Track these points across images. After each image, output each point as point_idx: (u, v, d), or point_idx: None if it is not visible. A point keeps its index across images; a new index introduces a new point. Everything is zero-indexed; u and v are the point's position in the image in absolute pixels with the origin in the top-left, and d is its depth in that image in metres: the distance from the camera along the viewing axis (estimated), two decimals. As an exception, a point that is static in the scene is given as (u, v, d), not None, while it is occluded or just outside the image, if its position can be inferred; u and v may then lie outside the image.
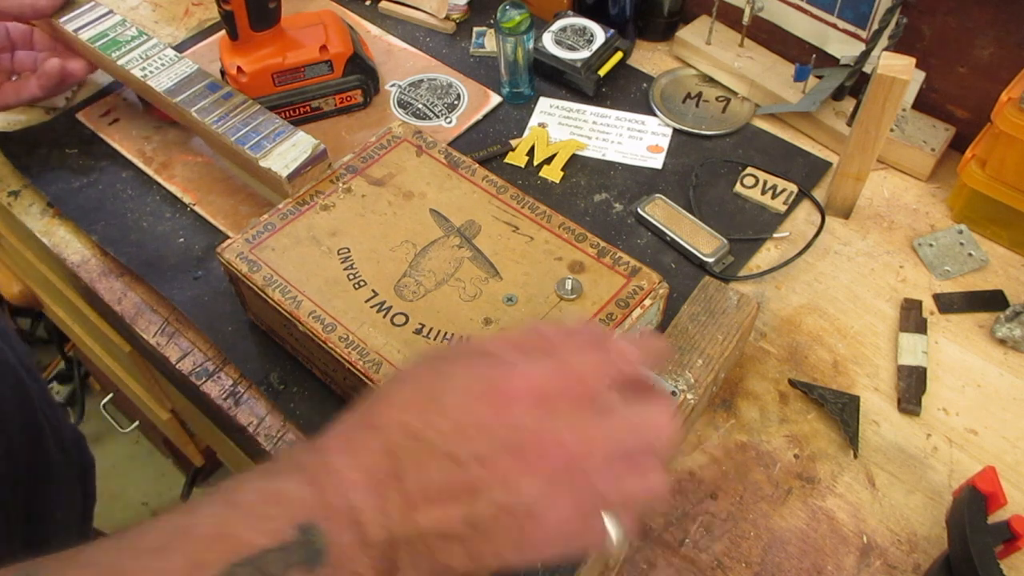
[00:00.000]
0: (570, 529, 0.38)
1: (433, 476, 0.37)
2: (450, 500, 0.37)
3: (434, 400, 0.39)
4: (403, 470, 0.37)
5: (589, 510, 0.38)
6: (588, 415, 0.38)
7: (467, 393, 0.39)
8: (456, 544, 0.37)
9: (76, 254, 0.74)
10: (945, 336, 0.65)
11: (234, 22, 0.73)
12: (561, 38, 0.84)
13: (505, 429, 0.38)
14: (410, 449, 0.37)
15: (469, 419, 0.38)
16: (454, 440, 0.37)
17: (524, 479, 0.37)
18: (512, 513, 0.37)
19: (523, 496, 0.37)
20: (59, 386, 1.71)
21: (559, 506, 0.37)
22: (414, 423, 0.38)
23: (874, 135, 0.66)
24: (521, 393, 0.38)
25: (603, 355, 0.40)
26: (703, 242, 0.70)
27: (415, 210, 0.63)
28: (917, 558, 0.54)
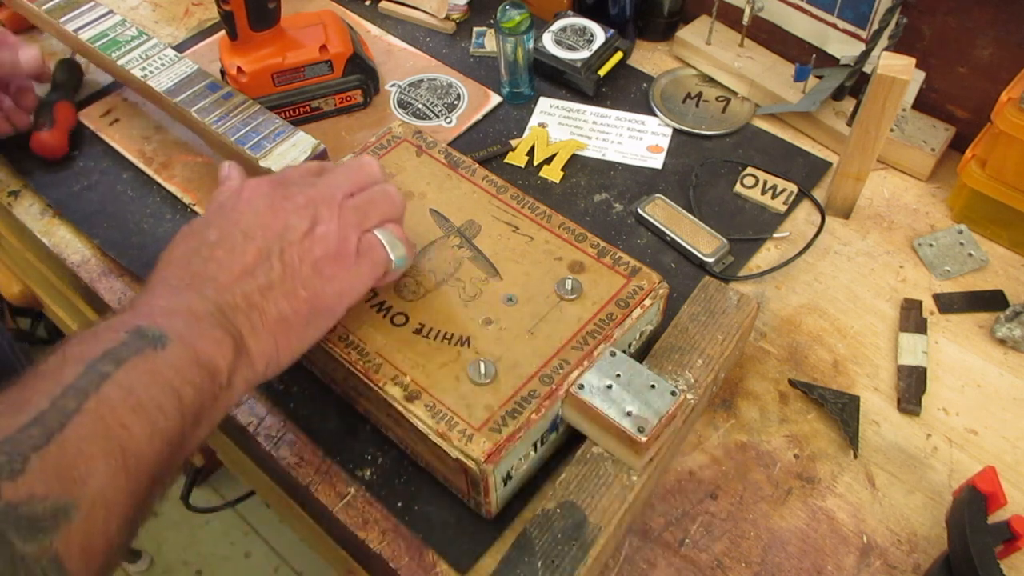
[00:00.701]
0: (347, 243, 0.50)
1: (225, 259, 0.47)
2: (248, 265, 0.47)
3: (196, 229, 0.50)
4: (200, 269, 0.47)
5: (350, 222, 0.50)
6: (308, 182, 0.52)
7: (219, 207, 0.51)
8: (271, 291, 0.47)
9: (76, 254, 0.74)
10: (945, 336, 0.65)
11: (234, 22, 0.73)
12: (561, 38, 0.84)
13: (260, 200, 0.50)
14: (197, 254, 0.48)
15: (229, 217, 0.49)
16: (227, 230, 0.48)
17: (289, 219, 0.49)
18: (294, 244, 0.48)
19: (294, 228, 0.48)
20: (59, 386, 1.71)
21: (324, 224, 0.49)
22: (190, 244, 0.49)
23: (874, 135, 0.66)
24: (254, 183, 0.51)
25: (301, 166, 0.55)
26: (703, 242, 0.70)
27: (415, 210, 0.63)
28: (917, 558, 0.54)
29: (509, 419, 0.51)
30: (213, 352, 0.44)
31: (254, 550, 1.53)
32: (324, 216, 0.49)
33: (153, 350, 0.42)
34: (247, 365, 0.46)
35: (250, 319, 0.46)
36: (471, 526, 0.55)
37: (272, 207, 0.49)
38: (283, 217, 0.49)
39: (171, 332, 0.43)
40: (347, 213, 0.50)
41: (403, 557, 0.55)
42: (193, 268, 0.47)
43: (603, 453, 0.53)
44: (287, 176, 0.53)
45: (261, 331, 0.47)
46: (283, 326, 0.48)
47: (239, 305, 0.46)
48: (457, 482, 0.54)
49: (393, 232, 0.53)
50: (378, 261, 0.52)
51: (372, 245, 0.52)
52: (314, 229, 0.49)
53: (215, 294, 0.46)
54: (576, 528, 0.50)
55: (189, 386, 0.42)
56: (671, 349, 0.58)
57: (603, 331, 0.55)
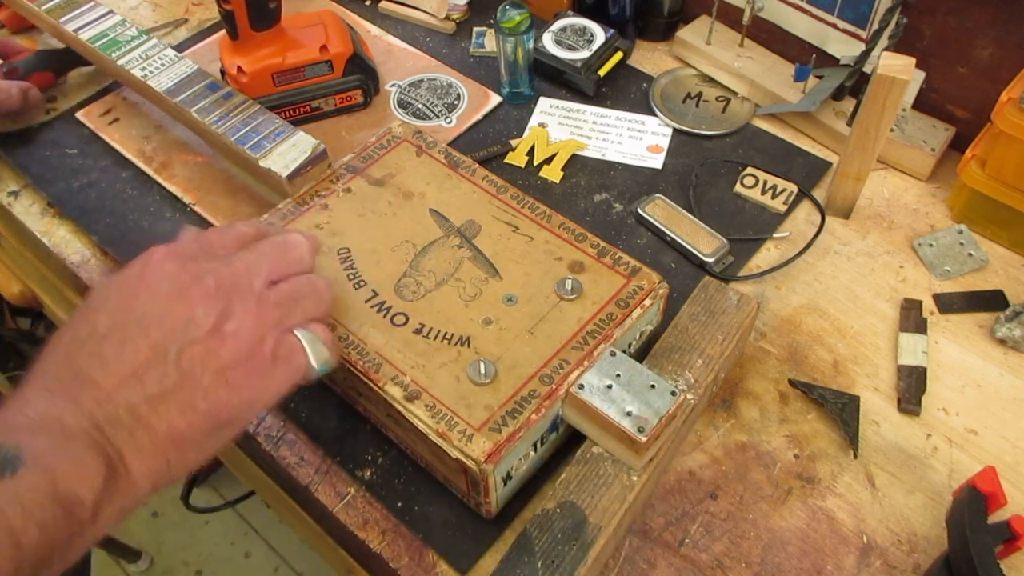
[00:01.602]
0: (262, 345, 0.42)
1: (113, 355, 0.40)
2: (139, 366, 0.39)
3: (88, 310, 0.42)
4: (82, 367, 0.39)
5: (268, 320, 0.43)
6: (231, 255, 0.45)
7: (119, 287, 0.43)
8: (163, 403, 0.39)
9: (76, 254, 0.74)
10: (945, 336, 0.65)
11: (234, 22, 0.73)
12: (561, 38, 0.84)
13: (162, 282, 0.42)
14: (81, 349, 0.40)
15: (126, 298, 0.42)
16: (119, 318, 0.41)
17: (195, 310, 0.41)
18: (199, 343, 0.40)
19: (200, 323, 0.41)
20: (59, 386, 1.71)
21: (237, 320, 0.41)
22: (79, 332, 0.41)
23: (874, 135, 0.66)
24: (162, 256, 0.43)
25: (224, 229, 0.47)
26: (703, 242, 0.70)
27: (415, 210, 0.63)
28: (917, 558, 0.54)
29: (509, 419, 0.51)
30: (76, 482, 0.37)
31: (254, 550, 1.53)
32: (237, 310, 0.42)
33: (7, 476, 0.35)
34: (124, 491, 0.39)
35: (134, 436, 0.39)
36: (471, 526, 0.55)
37: (177, 291, 0.41)
38: (187, 306, 0.41)
39: (29, 453, 0.36)
40: (266, 308, 0.43)
41: (403, 557, 0.55)
42: (76, 365, 0.40)
43: (603, 453, 0.53)
44: (204, 245, 0.45)
45: (147, 449, 0.39)
46: (176, 442, 0.40)
47: (121, 419, 0.39)
48: (457, 482, 0.54)
49: (317, 333, 0.46)
50: (297, 368, 0.45)
51: (292, 349, 0.44)
52: (223, 326, 0.41)
53: (93, 404, 0.38)
54: (576, 528, 0.50)
55: (35, 527, 0.35)
56: (671, 349, 0.58)
57: (603, 331, 0.55)
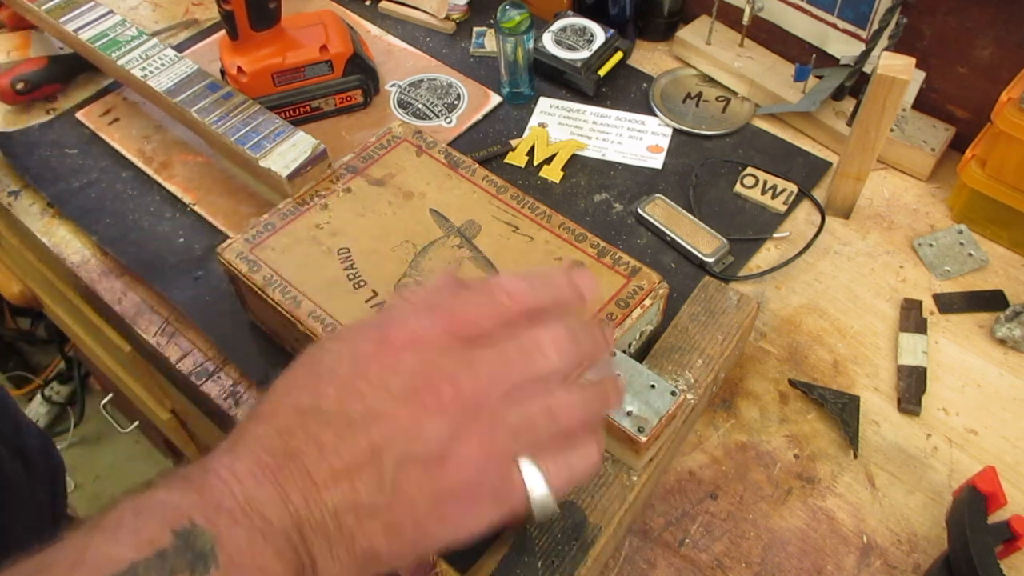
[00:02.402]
0: (485, 475, 0.36)
1: (331, 445, 0.35)
2: (354, 466, 0.35)
3: (320, 374, 0.37)
4: (298, 448, 0.35)
5: (500, 449, 0.37)
6: (477, 351, 0.37)
7: (352, 357, 0.37)
8: (371, 519, 0.35)
9: (76, 254, 0.74)
10: (945, 336, 0.65)
11: (234, 22, 0.73)
12: (561, 38, 0.84)
13: (394, 378, 0.36)
14: (302, 425, 0.36)
15: (357, 379, 0.36)
16: (345, 402, 0.36)
17: (424, 422, 0.35)
18: (420, 462, 0.35)
19: (427, 439, 0.35)
20: (59, 386, 1.71)
21: (468, 445, 0.36)
22: (302, 399, 0.36)
23: (874, 135, 0.66)
24: (404, 341, 0.37)
25: (486, 295, 0.39)
26: (703, 242, 0.70)
27: (415, 210, 0.63)
28: (917, 558, 0.54)
29: (509, 419, 0.51)
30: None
31: (254, 550, 1.53)
32: (469, 433, 0.36)
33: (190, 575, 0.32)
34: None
35: (332, 547, 0.35)
36: (471, 526, 0.55)
37: (410, 392, 0.36)
38: (417, 414, 0.35)
39: (224, 549, 0.32)
40: (498, 434, 0.36)
41: (403, 557, 0.55)
42: (293, 442, 0.35)
43: (603, 453, 0.53)
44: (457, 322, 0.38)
45: (342, 562, 0.35)
46: (370, 561, 0.36)
47: (325, 525, 0.35)
48: (457, 482, 0.54)
49: (548, 473, 0.38)
50: (514, 508, 0.38)
51: (514, 488, 0.37)
52: (450, 450, 0.35)
53: (300, 501, 0.34)
54: (576, 528, 0.50)
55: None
56: (671, 349, 0.58)
57: (603, 331, 0.55)
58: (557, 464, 0.38)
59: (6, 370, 1.73)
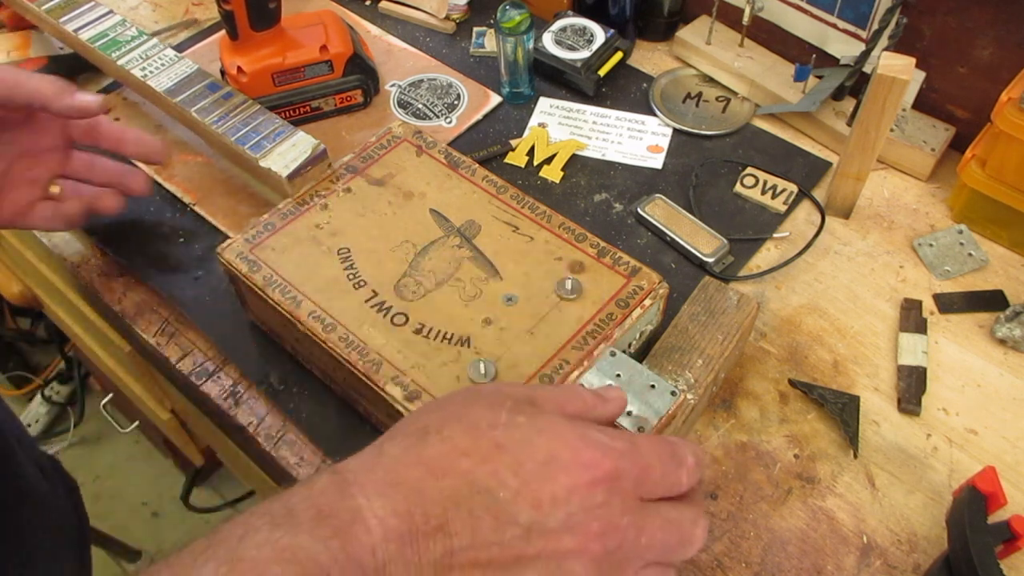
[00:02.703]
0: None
1: (484, 537, 0.34)
2: (491, 565, 0.34)
3: (507, 452, 0.36)
4: (454, 525, 0.34)
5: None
6: (649, 514, 0.37)
7: (548, 457, 0.36)
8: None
9: (76, 254, 0.73)
10: (945, 336, 0.65)
11: (234, 22, 0.73)
12: (561, 38, 0.84)
13: (576, 505, 0.35)
14: (468, 502, 0.35)
15: (544, 484, 0.35)
16: (522, 503, 0.35)
17: (575, 561, 0.35)
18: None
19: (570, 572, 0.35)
20: (59, 386, 1.71)
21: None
22: (480, 475, 0.35)
23: (874, 135, 0.66)
24: (601, 472, 0.36)
25: (668, 448, 0.39)
26: (703, 242, 0.70)
27: (415, 210, 0.63)
28: (917, 558, 0.54)
29: (509, 419, 0.51)
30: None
31: (254, 550, 1.53)
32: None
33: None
34: None
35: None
36: (471, 526, 0.55)
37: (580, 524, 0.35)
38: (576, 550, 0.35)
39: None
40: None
41: (403, 557, 0.55)
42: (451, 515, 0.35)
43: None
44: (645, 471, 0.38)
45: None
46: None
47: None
48: (457, 482, 0.54)
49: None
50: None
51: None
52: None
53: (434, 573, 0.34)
54: (576, 528, 0.50)
55: None
56: (671, 349, 0.58)
57: (603, 331, 0.55)
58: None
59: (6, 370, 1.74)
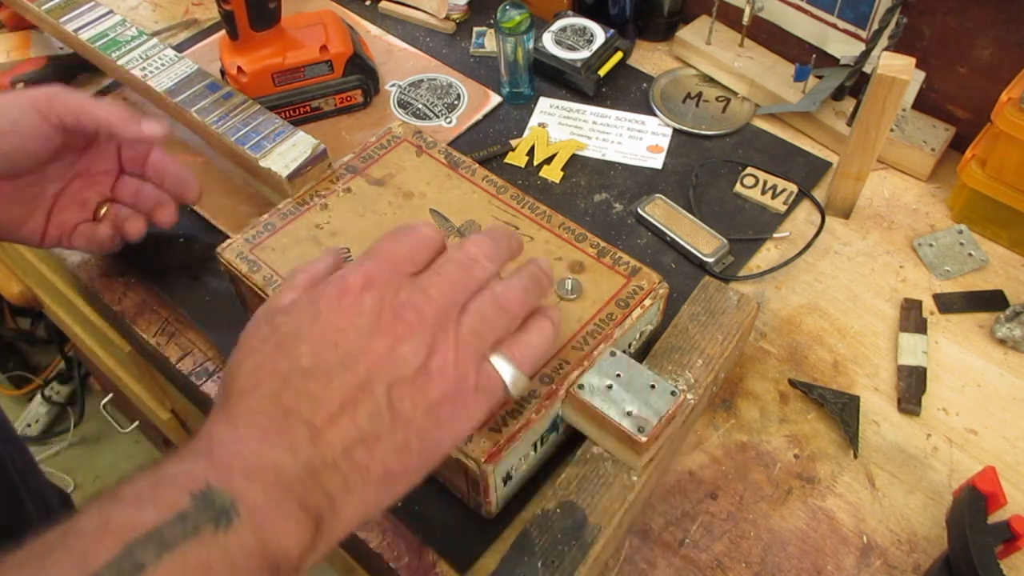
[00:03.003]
0: (464, 375, 0.41)
1: (321, 393, 0.38)
2: (349, 403, 0.38)
3: (286, 337, 0.40)
4: (291, 405, 0.38)
5: (469, 349, 0.41)
6: (424, 278, 0.42)
7: (314, 314, 0.40)
8: (378, 443, 0.38)
9: (76, 254, 0.73)
10: (945, 336, 0.65)
11: (234, 22, 0.73)
12: (561, 38, 0.84)
13: (360, 319, 0.40)
14: (288, 386, 0.38)
15: (326, 331, 0.40)
16: (322, 354, 0.39)
17: (399, 347, 0.39)
18: (407, 381, 0.39)
19: (407, 360, 0.39)
20: (59, 386, 1.71)
21: (442, 354, 0.40)
22: (278, 365, 0.39)
23: (874, 135, 0.66)
24: (358, 287, 0.40)
25: (413, 236, 0.44)
26: (703, 242, 0.70)
27: (415, 210, 0.63)
28: (917, 558, 0.54)
29: (509, 419, 0.51)
30: (286, 539, 0.36)
31: (254, 550, 1.53)
32: (441, 345, 0.40)
33: (214, 531, 0.33)
34: (328, 538, 0.38)
35: (348, 481, 0.38)
36: (471, 526, 0.55)
37: (379, 326, 0.39)
38: (392, 342, 0.39)
39: (244, 503, 0.35)
40: (464, 339, 0.41)
41: (403, 557, 0.55)
42: (284, 402, 0.38)
43: (603, 453, 0.53)
44: (395, 263, 0.42)
45: (359, 491, 0.38)
46: (387, 483, 0.39)
47: (337, 464, 0.37)
48: (457, 482, 0.54)
49: (513, 358, 0.43)
50: (496, 396, 0.43)
51: (491, 379, 0.42)
52: (429, 362, 0.40)
53: (309, 448, 0.37)
54: (576, 528, 0.50)
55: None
56: (671, 349, 0.58)
57: (603, 331, 0.55)
58: (519, 346, 0.43)
59: (6, 370, 1.74)
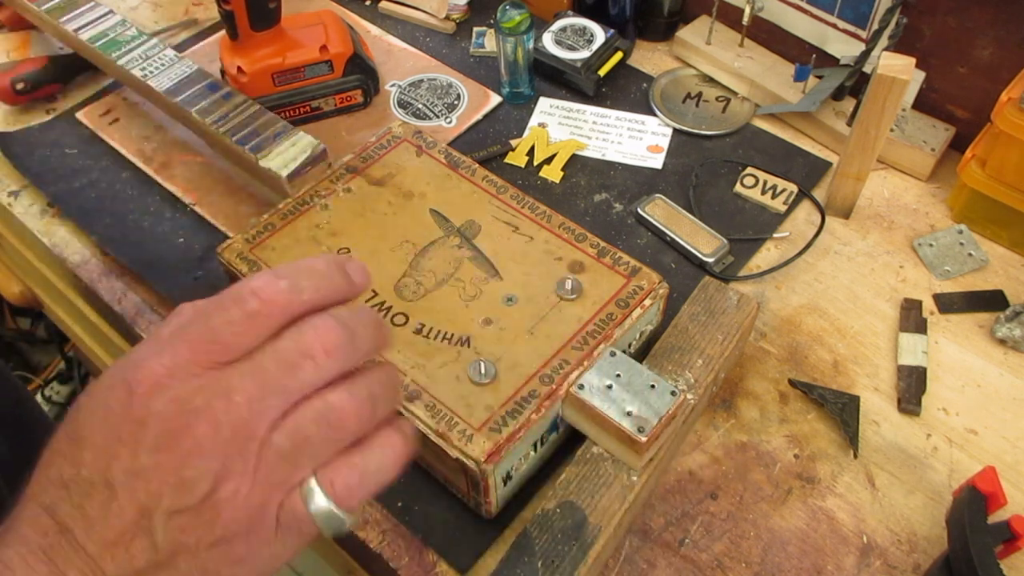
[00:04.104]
0: (263, 508, 0.34)
1: (97, 515, 0.33)
2: (125, 533, 0.33)
3: (78, 439, 0.34)
4: (65, 523, 0.33)
5: (273, 478, 0.33)
6: (231, 375, 0.33)
7: (104, 418, 0.34)
8: (165, 572, 0.33)
9: (76, 254, 0.73)
10: (945, 336, 0.65)
11: (234, 22, 0.73)
12: (561, 38, 0.84)
13: (145, 430, 0.33)
14: (67, 498, 0.33)
15: (111, 441, 0.33)
16: (104, 467, 0.33)
17: (185, 469, 0.32)
18: (191, 511, 0.33)
19: (192, 486, 0.32)
20: (59, 386, 1.71)
21: (235, 481, 0.33)
22: (64, 470, 0.34)
23: (874, 135, 0.66)
24: (148, 387, 0.33)
25: (236, 306, 0.35)
26: (703, 242, 0.70)
27: (415, 210, 0.63)
28: (917, 558, 0.54)
29: (509, 419, 0.51)
30: None
31: (254, 550, 1.53)
32: (235, 468, 0.33)
33: None
34: None
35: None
36: (471, 526, 0.55)
37: (167, 439, 0.33)
38: (177, 461, 0.33)
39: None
40: (268, 464, 0.33)
41: (403, 557, 0.55)
42: (60, 516, 0.33)
43: (603, 453, 0.53)
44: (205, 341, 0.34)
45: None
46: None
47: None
48: (457, 482, 0.54)
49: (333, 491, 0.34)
50: (305, 534, 0.35)
51: (296, 515, 0.34)
52: (217, 491, 0.33)
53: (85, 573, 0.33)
54: (576, 528, 0.50)
55: None
56: (671, 349, 0.58)
57: (603, 331, 0.55)
58: (345, 472, 0.34)
59: (6, 370, 1.73)
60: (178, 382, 0.33)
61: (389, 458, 0.36)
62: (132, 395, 0.33)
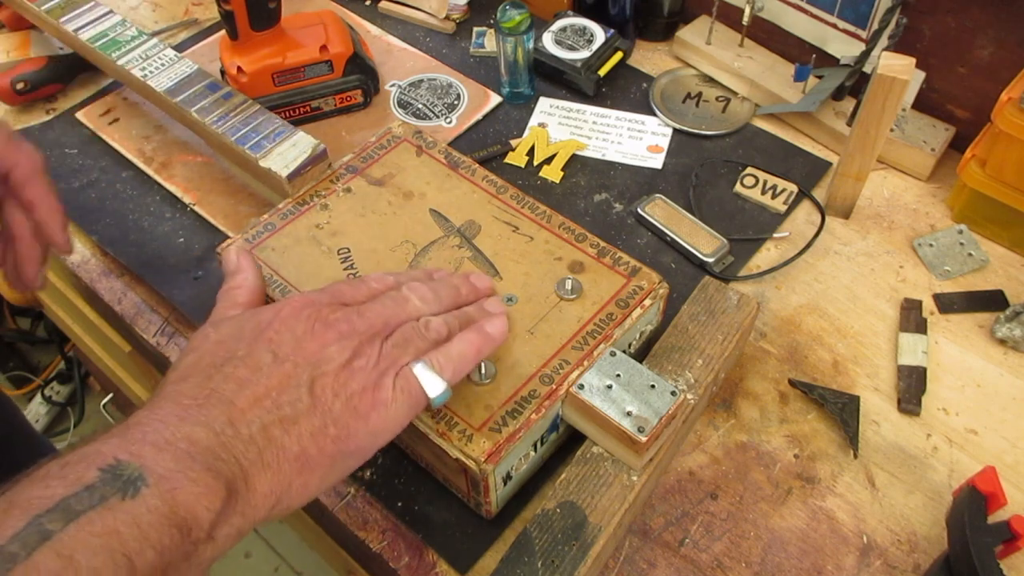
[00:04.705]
0: (384, 375, 0.45)
1: (248, 378, 0.42)
2: (273, 389, 0.42)
3: (224, 339, 0.45)
4: (217, 387, 0.41)
5: (391, 356, 0.46)
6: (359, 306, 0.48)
7: (256, 323, 0.46)
8: (296, 426, 0.42)
9: (76, 254, 0.73)
10: (945, 336, 0.65)
11: (234, 22, 0.73)
12: (561, 38, 0.84)
13: (297, 325, 0.45)
14: (219, 372, 0.42)
15: (263, 333, 0.45)
16: (256, 351, 0.44)
17: (327, 348, 0.44)
18: (329, 374, 0.44)
19: (332, 358, 0.44)
20: (59, 386, 1.71)
21: (365, 357, 0.45)
22: (216, 358, 0.43)
23: (874, 135, 0.66)
24: (298, 305, 0.46)
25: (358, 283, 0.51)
26: (703, 242, 0.70)
27: (415, 210, 0.63)
28: (917, 558, 0.54)
29: (509, 419, 0.51)
30: (195, 502, 0.37)
31: (254, 550, 1.53)
32: (365, 350, 0.45)
33: (121, 499, 0.35)
34: (242, 511, 0.40)
35: (263, 455, 0.40)
36: (471, 526, 0.55)
37: (312, 332, 0.45)
38: (321, 344, 0.45)
39: (153, 473, 0.37)
40: (387, 349, 0.46)
41: (403, 557, 0.55)
42: (211, 384, 0.42)
43: (603, 453, 0.53)
44: (336, 294, 0.49)
45: (275, 468, 0.41)
46: (304, 465, 0.42)
47: (253, 437, 0.40)
48: (457, 482, 0.54)
49: (432, 365, 0.47)
50: (415, 398, 0.46)
51: (409, 381, 0.46)
52: (352, 362, 0.45)
53: (225, 422, 0.40)
54: (576, 528, 0.50)
55: (151, 549, 0.35)
56: (671, 349, 0.58)
57: (603, 331, 0.55)
58: (439, 355, 0.48)
59: (6, 370, 1.74)
60: (321, 305, 0.47)
61: (468, 345, 0.49)
62: (283, 308, 0.46)
